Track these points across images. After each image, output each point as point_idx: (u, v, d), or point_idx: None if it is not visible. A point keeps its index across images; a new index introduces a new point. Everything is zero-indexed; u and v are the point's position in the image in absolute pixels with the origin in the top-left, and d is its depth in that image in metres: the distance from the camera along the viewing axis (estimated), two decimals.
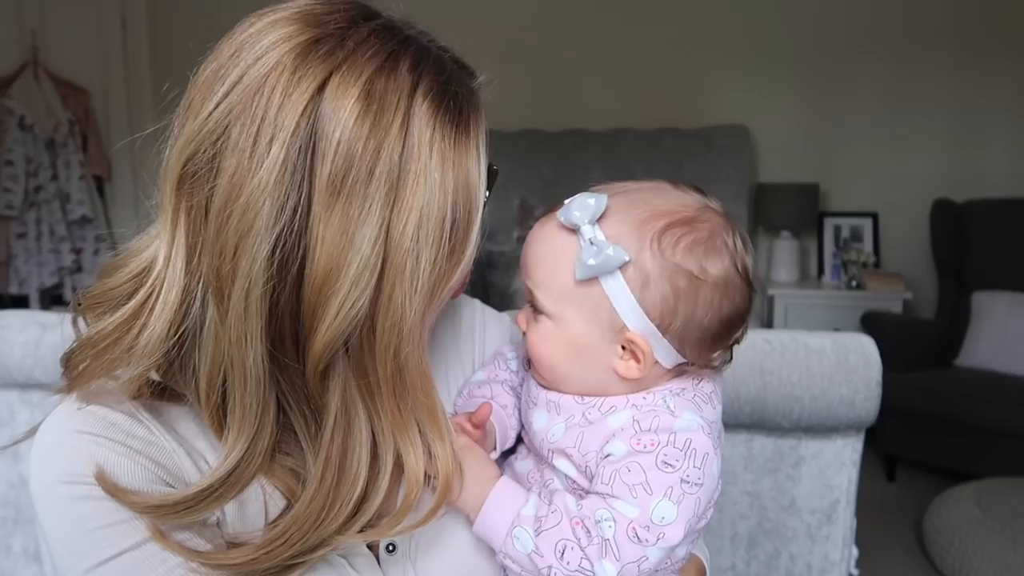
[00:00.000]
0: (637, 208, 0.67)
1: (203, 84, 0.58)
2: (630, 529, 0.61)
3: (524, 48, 3.95)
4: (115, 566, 0.60)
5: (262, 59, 0.55)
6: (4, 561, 1.42)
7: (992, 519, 2.35)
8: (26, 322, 1.31)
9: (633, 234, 0.65)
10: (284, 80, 0.54)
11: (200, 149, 0.56)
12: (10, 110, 3.79)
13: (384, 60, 0.56)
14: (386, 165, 0.55)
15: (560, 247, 0.67)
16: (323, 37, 0.56)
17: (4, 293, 3.90)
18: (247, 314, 0.56)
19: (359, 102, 0.55)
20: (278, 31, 0.56)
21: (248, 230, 0.54)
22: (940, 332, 3.39)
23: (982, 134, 3.67)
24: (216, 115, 0.56)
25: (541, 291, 0.68)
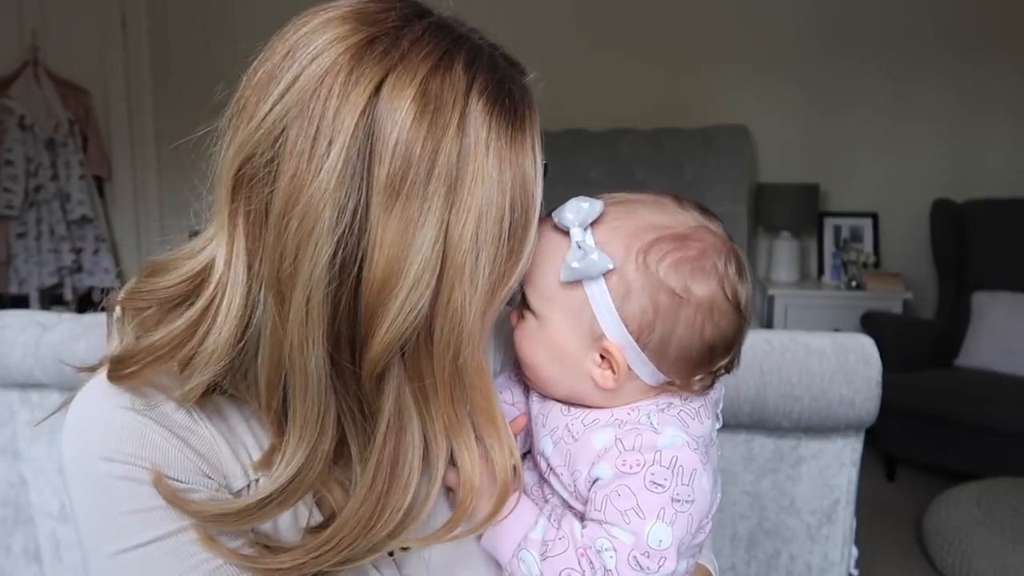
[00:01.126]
0: (631, 219, 0.66)
1: (257, 85, 0.58)
2: (631, 558, 0.61)
3: (524, 48, 3.93)
4: (144, 553, 0.59)
5: (317, 59, 0.55)
6: (4, 561, 1.42)
7: (992, 519, 2.35)
8: (26, 322, 1.31)
9: (621, 243, 0.65)
10: (341, 81, 0.54)
11: (257, 152, 0.56)
12: (10, 110, 3.79)
13: (439, 59, 0.56)
14: (444, 165, 0.55)
15: (551, 247, 0.67)
16: (378, 36, 0.56)
17: (4, 293, 3.90)
18: (308, 318, 0.56)
19: (415, 103, 0.54)
20: (332, 30, 0.56)
21: (309, 234, 0.54)
22: (940, 332, 3.39)
23: (982, 134, 3.67)
24: (272, 116, 0.56)
25: (530, 288, 0.68)
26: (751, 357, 1.17)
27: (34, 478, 1.36)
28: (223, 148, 0.59)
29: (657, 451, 0.63)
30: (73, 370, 0.65)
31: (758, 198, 3.77)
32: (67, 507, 1.36)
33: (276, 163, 0.55)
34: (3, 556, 1.41)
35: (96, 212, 4.05)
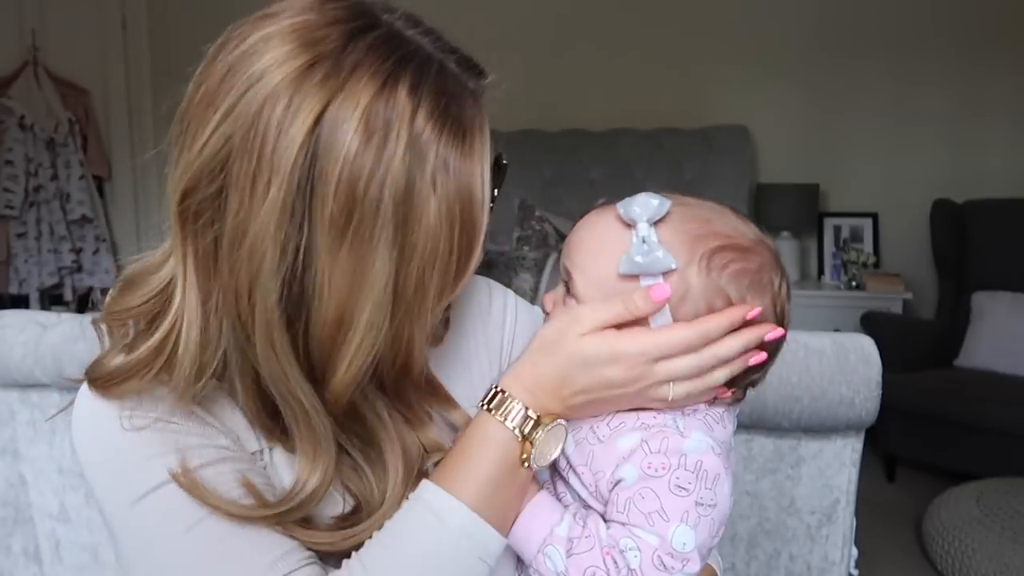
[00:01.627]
0: (696, 222, 0.67)
1: (198, 105, 0.56)
2: (655, 557, 0.61)
3: (524, 48, 3.95)
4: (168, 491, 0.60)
5: (255, 87, 0.53)
6: (4, 561, 1.42)
7: (992, 519, 2.35)
8: (26, 322, 1.31)
9: (685, 245, 0.65)
10: (279, 112, 0.52)
11: (200, 183, 0.55)
12: (10, 110, 3.79)
13: (383, 83, 0.53)
14: (390, 202, 0.53)
15: (611, 237, 0.67)
16: (319, 60, 0.53)
17: (4, 293, 3.90)
18: (277, 353, 0.56)
19: (358, 134, 0.52)
20: (272, 51, 0.53)
21: (257, 273, 0.54)
22: (940, 332, 3.39)
23: (982, 134, 3.67)
24: (211, 146, 0.54)
25: (579, 273, 0.68)
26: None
27: (34, 478, 1.36)
28: (170, 170, 0.58)
29: (683, 455, 0.63)
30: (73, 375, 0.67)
31: (758, 198, 3.77)
32: (67, 508, 1.36)
33: (223, 196, 0.54)
34: (3, 556, 1.41)
35: (96, 212, 4.05)
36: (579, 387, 0.64)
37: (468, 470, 0.62)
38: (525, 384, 0.65)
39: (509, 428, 0.63)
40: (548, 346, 0.65)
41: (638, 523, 0.62)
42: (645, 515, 0.62)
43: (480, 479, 0.62)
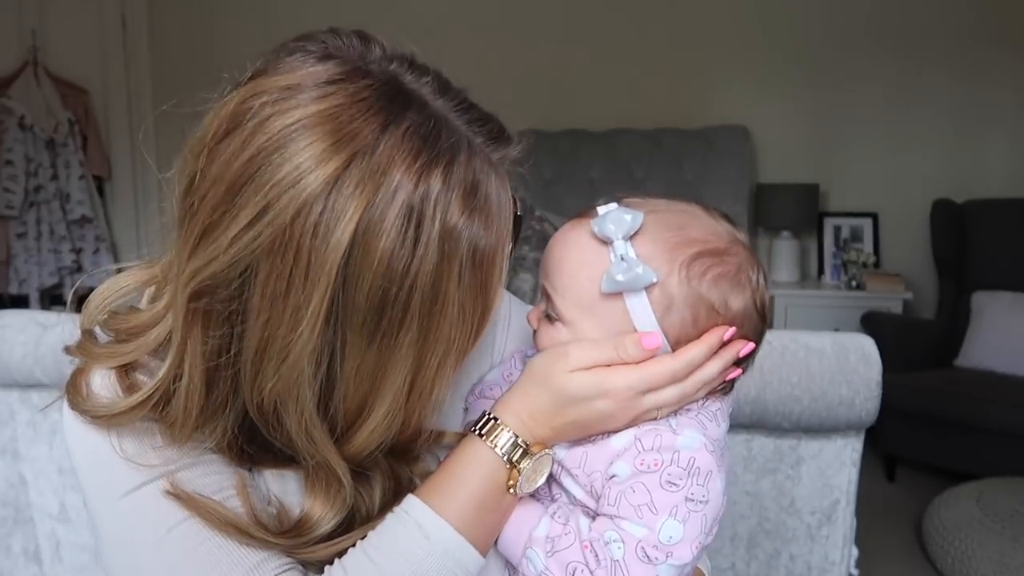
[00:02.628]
0: (670, 231, 0.67)
1: (215, 186, 0.52)
2: (639, 549, 0.62)
3: (524, 48, 3.95)
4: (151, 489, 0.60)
5: (290, 191, 0.50)
6: (4, 561, 1.42)
7: (992, 519, 2.35)
8: (26, 322, 1.30)
9: (664, 256, 0.66)
10: (316, 218, 0.50)
11: (220, 285, 0.53)
12: (10, 110, 3.79)
13: (418, 179, 0.52)
14: (418, 302, 0.53)
15: (587, 256, 0.67)
16: (354, 159, 0.50)
17: (4, 293, 3.89)
18: (313, 438, 0.58)
19: (397, 235, 0.51)
20: (305, 152, 0.50)
21: (295, 384, 0.54)
22: (940, 332, 3.38)
23: (982, 134, 3.67)
24: (237, 247, 0.51)
25: (559, 296, 0.68)
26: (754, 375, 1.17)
27: (34, 478, 1.36)
28: (178, 246, 0.55)
29: (675, 451, 0.64)
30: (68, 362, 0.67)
31: (758, 198, 3.77)
32: (67, 508, 1.36)
33: (244, 298, 0.53)
34: (3, 556, 1.41)
35: (96, 212, 4.05)
36: (569, 419, 0.66)
37: (455, 491, 0.63)
38: (517, 413, 0.66)
39: (498, 454, 0.64)
40: (538, 380, 0.66)
41: (627, 515, 0.63)
42: (635, 508, 0.63)
43: (466, 501, 0.63)
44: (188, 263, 0.54)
